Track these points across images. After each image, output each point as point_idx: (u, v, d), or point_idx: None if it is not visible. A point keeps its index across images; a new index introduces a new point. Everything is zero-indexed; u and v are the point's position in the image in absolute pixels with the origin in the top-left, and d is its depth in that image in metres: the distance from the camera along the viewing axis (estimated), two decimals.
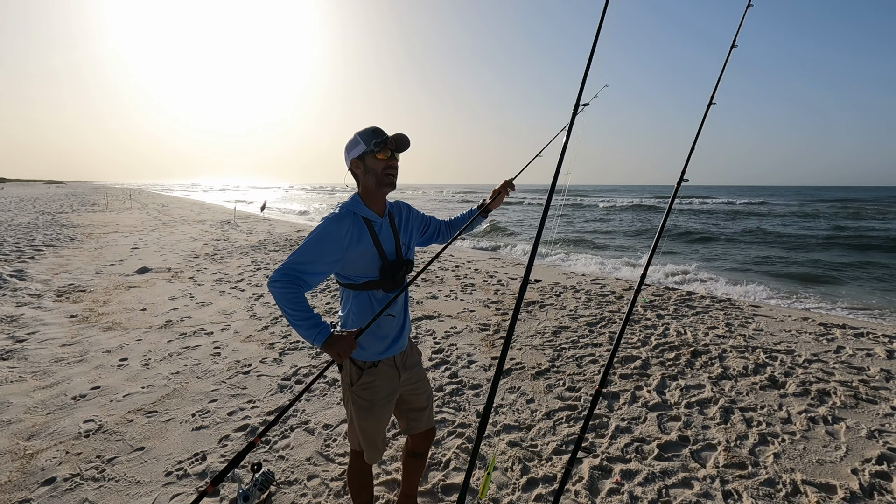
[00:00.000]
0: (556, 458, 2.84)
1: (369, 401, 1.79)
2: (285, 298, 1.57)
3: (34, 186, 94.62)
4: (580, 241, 17.29)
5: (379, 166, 1.69)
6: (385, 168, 1.69)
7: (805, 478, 2.65)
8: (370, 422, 1.82)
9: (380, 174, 1.70)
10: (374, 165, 1.69)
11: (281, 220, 21.73)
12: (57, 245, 11.29)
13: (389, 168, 1.70)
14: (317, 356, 4.45)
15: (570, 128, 1.78)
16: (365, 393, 1.79)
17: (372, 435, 1.85)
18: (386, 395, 1.83)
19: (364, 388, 1.79)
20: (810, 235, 18.53)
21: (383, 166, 1.69)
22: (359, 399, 1.80)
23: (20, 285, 7.03)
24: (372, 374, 1.79)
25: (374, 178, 1.70)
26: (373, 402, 1.80)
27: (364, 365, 1.79)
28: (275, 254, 10.50)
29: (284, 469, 2.74)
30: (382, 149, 1.68)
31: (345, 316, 1.81)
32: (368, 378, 1.79)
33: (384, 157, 1.69)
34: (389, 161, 1.70)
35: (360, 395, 1.79)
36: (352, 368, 1.80)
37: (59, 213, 21.19)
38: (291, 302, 1.57)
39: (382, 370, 1.81)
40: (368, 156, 1.69)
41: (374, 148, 1.67)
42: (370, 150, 1.67)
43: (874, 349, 4.61)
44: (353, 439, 1.92)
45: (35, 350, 4.54)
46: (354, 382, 1.79)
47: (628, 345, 4.73)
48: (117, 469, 2.73)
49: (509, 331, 1.60)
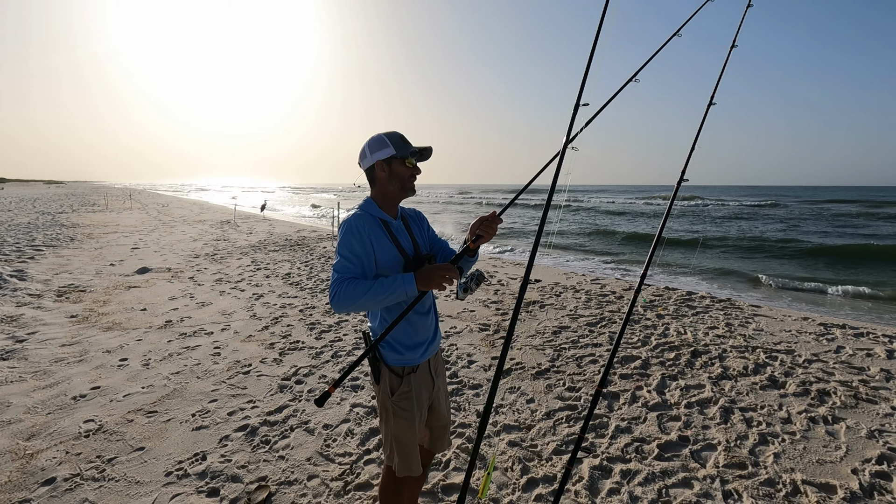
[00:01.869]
0: (556, 458, 2.84)
1: (410, 410, 1.73)
2: (350, 293, 1.49)
3: (34, 186, 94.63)
4: (580, 241, 17.28)
5: (406, 173, 1.70)
6: (410, 175, 1.71)
7: (805, 478, 2.65)
8: (411, 433, 1.75)
9: (406, 180, 1.70)
10: (401, 171, 1.69)
11: (281, 220, 21.73)
12: (57, 245, 11.29)
13: (413, 177, 1.72)
14: (317, 356, 4.45)
15: (570, 128, 1.78)
16: (405, 403, 1.72)
17: (407, 447, 1.76)
18: (424, 403, 1.78)
19: (404, 396, 1.72)
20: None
21: (409, 173, 1.70)
22: (399, 409, 1.72)
23: (20, 285, 7.03)
24: (410, 382, 1.73)
25: (400, 183, 1.70)
26: (413, 411, 1.73)
27: (403, 371, 1.72)
28: (275, 254, 10.50)
29: (284, 469, 2.74)
30: (417, 158, 1.71)
31: (378, 322, 1.74)
32: (407, 386, 1.72)
33: (412, 165, 1.70)
34: (414, 170, 1.72)
35: (401, 404, 1.72)
36: (390, 376, 1.72)
37: (59, 213, 21.19)
38: (356, 290, 1.50)
39: (421, 376, 1.76)
40: (397, 161, 1.68)
41: (408, 156, 1.67)
42: (401, 156, 1.67)
43: (874, 349, 4.61)
44: (389, 453, 1.81)
45: (35, 350, 4.54)
46: (395, 391, 1.72)
47: (628, 345, 4.73)
48: (117, 469, 2.73)
49: (509, 331, 1.60)
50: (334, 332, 5.17)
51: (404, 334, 1.70)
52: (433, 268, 1.55)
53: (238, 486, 2.59)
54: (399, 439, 1.75)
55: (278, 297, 6.71)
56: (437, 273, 1.54)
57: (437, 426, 1.92)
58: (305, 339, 4.92)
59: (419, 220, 1.92)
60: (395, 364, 1.72)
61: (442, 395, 1.91)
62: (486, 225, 1.66)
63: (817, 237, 17.96)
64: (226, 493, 2.53)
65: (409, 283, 1.53)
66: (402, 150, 1.67)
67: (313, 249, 11.11)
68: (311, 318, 5.69)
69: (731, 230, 20.79)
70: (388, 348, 1.72)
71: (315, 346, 4.74)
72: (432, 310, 1.83)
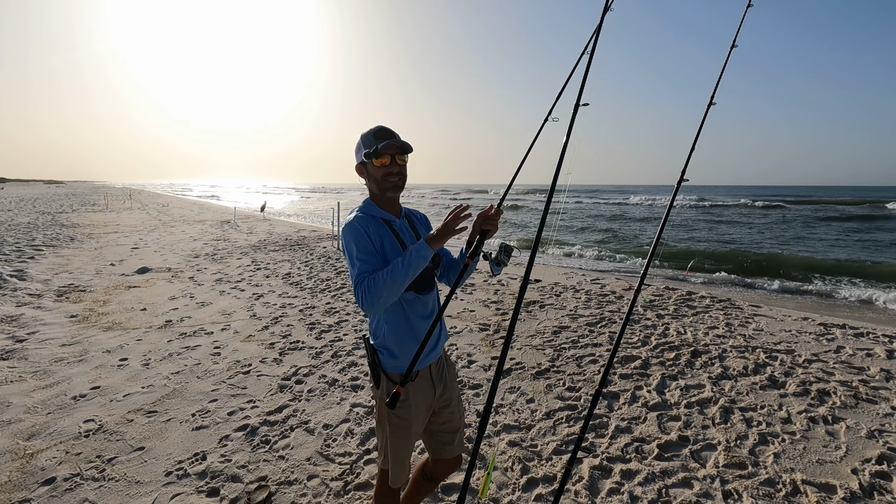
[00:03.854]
0: (556, 457, 2.84)
1: (406, 419, 1.69)
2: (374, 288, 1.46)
3: (34, 186, 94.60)
4: (581, 241, 17.28)
5: (378, 172, 1.62)
6: (385, 174, 1.62)
7: (805, 478, 2.65)
8: (406, 441, 1.71)
9: (380, 180, 1.63)
10: (373, 171, 1.64)
11: (281, 220, 21.73)
12: (57, 245, 11.29)
13: (389, 174, 1.62)
14: (317, 356, 4.46)
15: (570, 127, 1.78)
16: (402, 412, 1.68)
17: (401, 456, 1.74)
18: (422, 412, 1.74)
19: (401, 405, 1.67)
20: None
21: (383, 172, 1.62)
22: (395, 417, 1.68)
23: (20, 285, 7.03)
24: (407, 390, 1.67)
25: (375, 183, 1.65)
26: (410, 420, 1.69)
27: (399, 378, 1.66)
28: (275, 253, 10.50)
29: (284, 469, 2.74)
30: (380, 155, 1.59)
31: (375, 325, 1.71)
32: (405, 394, 1.66)
33: (383, 163, 1.61)
34: (390, 167, 1.62)
35: (397, 413, 1.68)
36: (388, 384, 1.68)
37: (59, 213, 21.18)
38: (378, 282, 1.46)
39: (419, 384, 1.70)
40: (370, 161, 1.63)
41: (372, 154, 1.60)
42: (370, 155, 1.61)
43: (874, 349, 4.61)
44: (383, 458, 1.79)
45: (35, 350, 4.54)
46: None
47: (628, 345, 4.73)
48: (117, 469, 2.73)
49: (509, 331, 1.59)
50: (334, 332, 5.17)
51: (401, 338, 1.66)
52: (440, 226, 1.52)
53: (238, 485, 2.59)
54: (395, 449, 1.73)
55: (278, 296, 6.71)
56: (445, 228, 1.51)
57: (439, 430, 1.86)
58: (305, 339, 4.92)
59: (425, 223, 1.90)
60: (391, 371, 1.68)
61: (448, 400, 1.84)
62: (489, 221, 1.63)
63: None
64: (226, 492, 2.53)
65: (423, 248, 1.49)
66: (370, 148, 1.61)
67: (313, 249, 11.11)
68: (311, 318, 5.69)
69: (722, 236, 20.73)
70: (387, 354, 1.67)
71: (315, 345, 4.74)
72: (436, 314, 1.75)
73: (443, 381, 1.81)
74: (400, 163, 1.64)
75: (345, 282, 7.63)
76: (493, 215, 1.64)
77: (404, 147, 1.62)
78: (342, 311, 5.98)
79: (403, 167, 1.66)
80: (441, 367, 1.82)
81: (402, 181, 1.66)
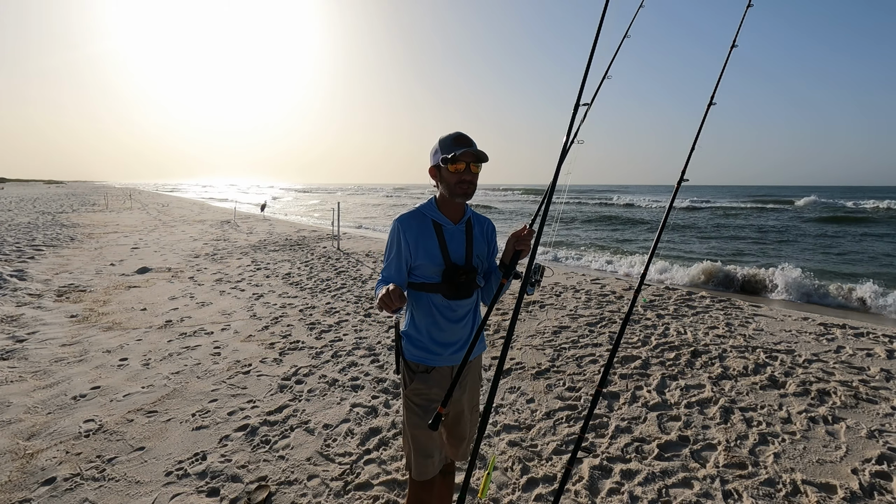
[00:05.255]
0: (556, 457, 2.84)
1: (422, 406, 1.74)
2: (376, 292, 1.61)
3: (34, 186, 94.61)
4: (581, 241, 17.28)
5: (452, 178, 1.67)
6: (457, 181, 1.66)
7: (805, 478, 2.65)
8: (420, 432, 1.74)
9: (452, 185, 1.68)
10: (447, 177, 1.68)
11: (281, 220, 21.73)
12: (57, 245, 11.29)
13: (461, 182, 1.66)
14: (317, 356, 4.46)
15: (571, 127, 1.78)
16: (417, 398, 1.75)
17: (424, 442, 1.74)
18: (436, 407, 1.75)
19: (416, 393, 1.76)
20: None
21: (456, 179, 1.66)
22: (410, 403, 1.76)
23: (20, 285, 7.03)
24: (423, 381, 1.74)
25: (447, 188, 1.70)
26: (426, 408, 1.73)
27: (417, 368, 1.76)
28: (275, 253, 10.50)
29: (284, 469, 2.74)
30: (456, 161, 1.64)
31: (409, 313, 1.80)
32: (419, 384, 1.75)
33: (458, 169, 1.65)
34: (463, 175, 1.66)
35: (413, 399, 1.76)
36: (405, 370, 1.78)
37: (60, 213, 21.19)
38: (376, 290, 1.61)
39: (435, 377, 1.76)
40: (444, 166, 1.67)
41: (449, 160, 1.64)
42: (446, 160, 1.65)
43: (874, 349, 4.61)
44: (407, 454, 1.80)
45: (35, 350, 4.54)
46: (408, 384, 1.78)
47: (628, 345, 4.73)
48: (117, 469, 2.73)
49: (509, 331, 1.60)
50: (334, 332, 5.17)
51: (427, 331, 1.74)
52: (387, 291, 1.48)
53: (238, 485, 2.59)
54: (416, 437, 1.76)
55: (278, 296, 6.71)
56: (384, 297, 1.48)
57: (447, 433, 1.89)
58: (305, 339, 4.92)
59: (488, 233, 1.90)
60: (409, 359, 1.77)
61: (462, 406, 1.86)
62: (522, 241, 1.65)
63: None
64: (226, 492, 2.53)
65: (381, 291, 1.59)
66: (447, 153, 1.65)
67: (313, 249, 11.11)
68: (311, 318, 5.69)
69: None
70: (408, 342, 1.77)
71: (315, 346, 4.74)
72: (469, 319, 1.81)
73: (463, 386, 1.85)
74: (474, 171, 1.68)
75: (345, 282, 7.63)
76: (526, 235, 1.66)
77: (480, 156, 1.66)
78: (342, 311, 5.98)
79: (475, 176, 1.70)
80: (464, 374, 1.84)
81: (472, 189, 1.69)
